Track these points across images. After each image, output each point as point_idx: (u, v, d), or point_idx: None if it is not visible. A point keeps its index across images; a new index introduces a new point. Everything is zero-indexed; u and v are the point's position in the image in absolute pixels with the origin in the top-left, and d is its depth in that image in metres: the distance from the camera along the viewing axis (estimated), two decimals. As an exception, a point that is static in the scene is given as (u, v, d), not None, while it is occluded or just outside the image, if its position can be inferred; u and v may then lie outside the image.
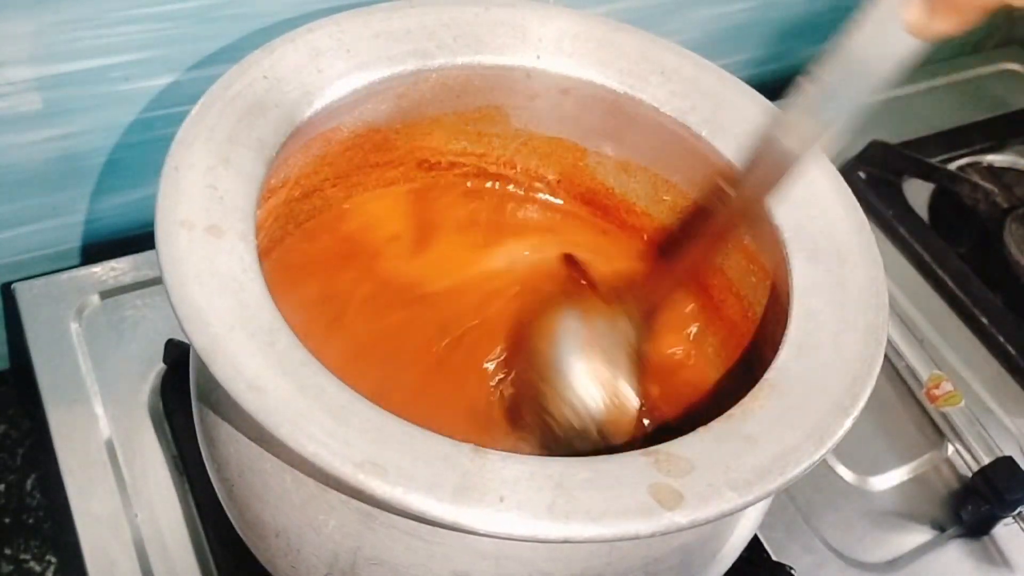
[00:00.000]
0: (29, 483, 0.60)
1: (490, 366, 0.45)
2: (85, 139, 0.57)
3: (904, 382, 0.65)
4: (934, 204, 0.79)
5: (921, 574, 0.57)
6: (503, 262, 0.49)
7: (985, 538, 0.60)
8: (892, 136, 0.80)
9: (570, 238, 0.51)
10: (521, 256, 0.50)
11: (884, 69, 0.33)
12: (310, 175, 0.45)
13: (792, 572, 0.53)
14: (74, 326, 0.58)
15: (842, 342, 0.37)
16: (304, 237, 0.47)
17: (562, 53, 0.46)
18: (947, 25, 0.31)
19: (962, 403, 0.62)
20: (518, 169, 0.51)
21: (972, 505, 0.59)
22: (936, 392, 0.63)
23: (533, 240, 0.51)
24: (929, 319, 0.71)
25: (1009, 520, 0.59)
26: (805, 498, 0.59)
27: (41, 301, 0.58)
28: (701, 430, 0.34)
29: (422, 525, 0.33)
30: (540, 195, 0.52)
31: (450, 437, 0.31)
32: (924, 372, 0.64)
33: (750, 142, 0.40)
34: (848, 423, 0.35)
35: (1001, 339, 0.69)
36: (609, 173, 0.50)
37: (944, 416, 0.63)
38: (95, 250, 0.63)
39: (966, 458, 0.61)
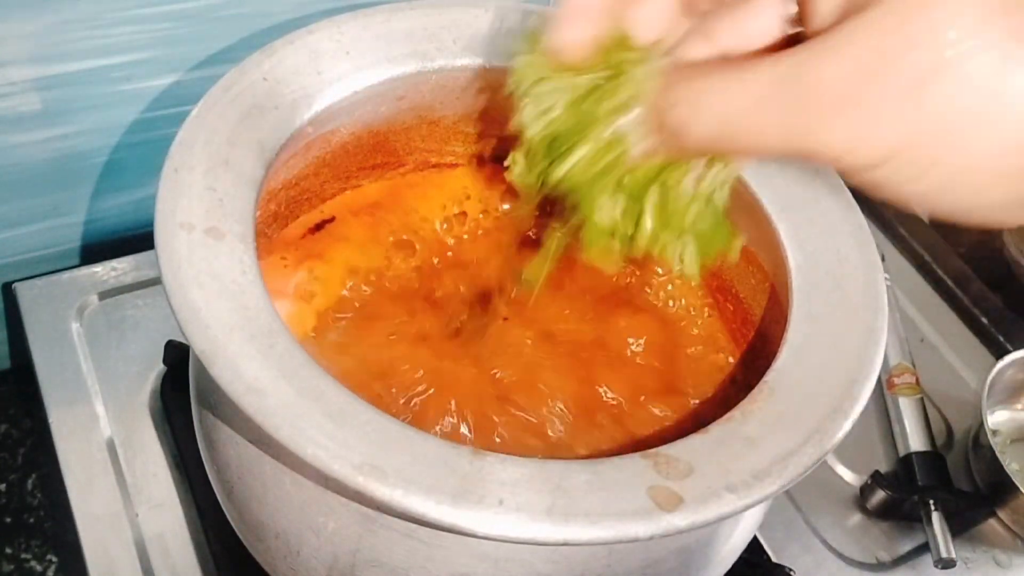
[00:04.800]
0: (30, 482, 0.60)
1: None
2: (85, 139, 0.57)
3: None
4: (934, 204, 0.79)
5: (922, 574, 0.57)
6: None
7: (982, 539, 0.60)
8: (892, 136, 0.80)
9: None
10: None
11: None
12: (310, 176, 0.45)
13: (791, 573, 0.53)
14: (75, 326, 0.58)
15: (841, 344, 0.37)
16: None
17: (562, 54, 0.46)
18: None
19: (919, 396, 0.63)
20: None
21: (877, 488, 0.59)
22: (896, 381, 0.63)
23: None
24: (929, 319, 0.71)
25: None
26: (805, 499, 0.59)
27: (42, 301, 0.59)
28: (700, 432, 0.34)
29: (421, 527, 0.33)
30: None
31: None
32: (894, 359, 0.65)
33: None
34: (847, 425, 0.35)
35: (1001, 339, 0.69)
36: (609, 174, 0.50)
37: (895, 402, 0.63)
38: (95, 250, 0.63)
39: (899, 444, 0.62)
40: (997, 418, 0.65)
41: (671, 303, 0.49)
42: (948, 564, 0.56)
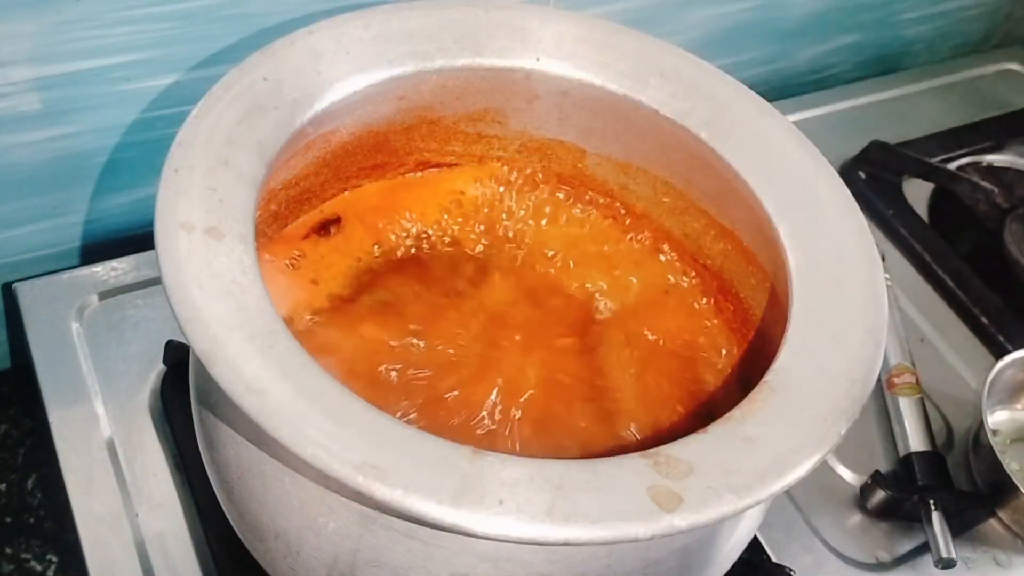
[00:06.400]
0: (30, 482, 0.60)
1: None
2: (85, 139, 0.57)
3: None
4: (934, 204, 0.79)
5: (922, 574, 0.57)
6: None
7: (982, 539, 0.60)
8: (892, 136, 0.80)
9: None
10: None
11: None
12: (310, 176, 0.45)
13: (791, 573, 0.53)
14: (75, 326, 0.58)
15: (841, 344, 0.37)
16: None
17: (562, 55, 0.46)
18: None
19: (919, 396, 0.63)
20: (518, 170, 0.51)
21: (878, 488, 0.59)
22: (896, 381, 0.63)
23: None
24: (929, 319, 0.71)
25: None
26: (805, 499, 0.59)
27: (42, 301, 0.58)
28: (700, 432, 0.34)
29: (421, 527, 0.33)
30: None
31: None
32: (894, 359, 0.65)
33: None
34: (847, 425, 0.35)
35: (1001, 339, 0.69)
36: (609, 174, 0.50)
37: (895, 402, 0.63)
38: (95, 250, 0.63)
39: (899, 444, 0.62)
40: (997, 418, 0.65)
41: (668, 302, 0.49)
42: (948, 564, 0.56)
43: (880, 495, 0.58)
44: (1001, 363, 0.63)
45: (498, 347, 0.46)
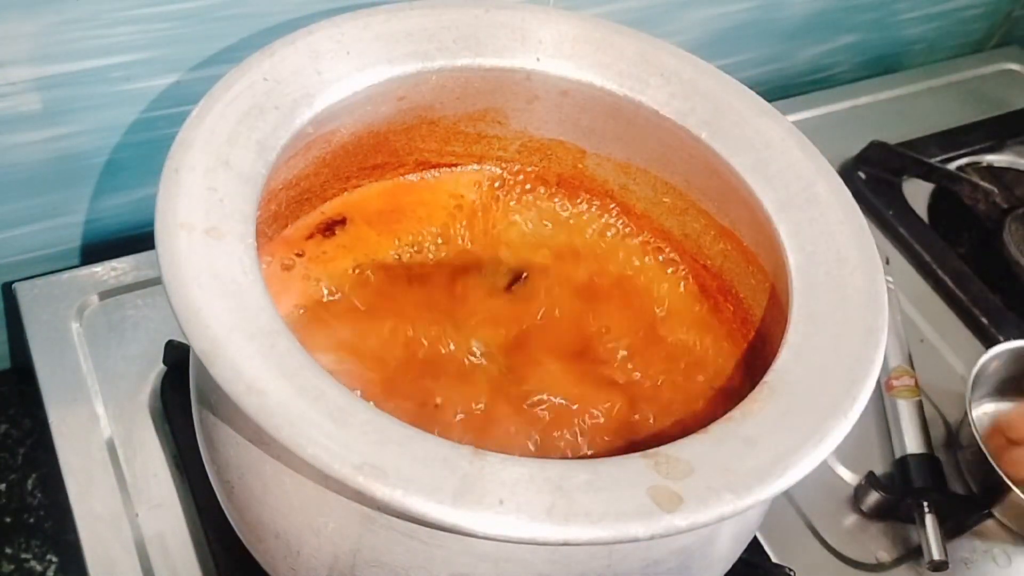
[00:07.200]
0: (30, 482, 0.60)
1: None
2: (85, 139, 0.57)
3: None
4: (934, 204, 0.79)
5: (922, 575, 0.57)
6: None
7: (981, 539, 0.60)
8: (892, 136, 0.80)
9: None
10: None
11: None
12: (310, 176, 0.45)
13: (791, 573, 0.53)
14: (75, 326, 0.58)
15: (841, 344, 0.37)
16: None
17: (562, 55, 0.46)
18: None
19: (917, 398, 0.63)
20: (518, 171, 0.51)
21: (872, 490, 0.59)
22: (895, 383, 0.63)
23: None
24: (929, 319, 0.71)
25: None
26: (805, 499, 0.59)
27: (42, 301, 0.58)
28: (700, 432, 0.34)
29: (421, 527, 0.33)
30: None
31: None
32: (893, 361, 0.65)
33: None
34: (847, 425, 0.35)
35: (1000, 339, 0.69)
36: (609, 175, 0.50)
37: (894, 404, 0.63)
38: (95, 250, 0.63)
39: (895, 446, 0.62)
40: (985, 409, 0.65)
41: (666, 304, 0.49)
42: (939, 567, 0.56)
43: (874, 496, 0.58)
44: (985, 356, 0.62)
45: (501, 346, 0.46)
